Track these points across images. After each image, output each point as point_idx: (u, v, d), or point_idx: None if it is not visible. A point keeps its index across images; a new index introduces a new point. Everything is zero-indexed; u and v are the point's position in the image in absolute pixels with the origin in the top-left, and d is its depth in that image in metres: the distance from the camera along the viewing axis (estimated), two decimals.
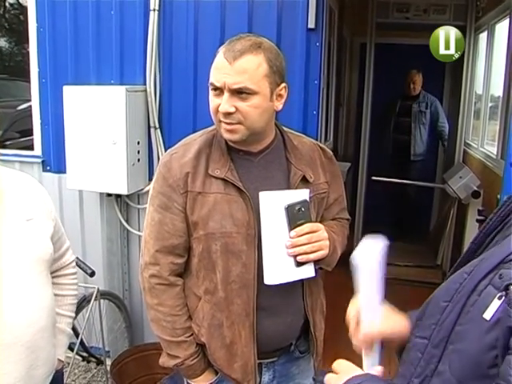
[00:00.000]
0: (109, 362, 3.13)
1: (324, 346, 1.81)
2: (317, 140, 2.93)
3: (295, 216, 1.49)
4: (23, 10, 3.44)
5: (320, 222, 1.66)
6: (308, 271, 1.55)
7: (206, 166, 1.57)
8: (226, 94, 1.46)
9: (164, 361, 1.69)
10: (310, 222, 1.54)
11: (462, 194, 4.05)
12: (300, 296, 1.68)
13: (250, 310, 1.57)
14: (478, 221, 2.62)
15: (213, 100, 1.51)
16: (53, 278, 1.75)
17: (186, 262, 1.64)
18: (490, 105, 4.73)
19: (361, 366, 1.05)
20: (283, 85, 1.55)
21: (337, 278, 4.59)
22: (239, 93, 1.46)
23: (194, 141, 1.63)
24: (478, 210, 2.74)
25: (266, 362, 1.69)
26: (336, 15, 4.44)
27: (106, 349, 3.18)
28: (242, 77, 1.44)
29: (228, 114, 1.48)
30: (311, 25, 2.79)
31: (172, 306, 1.62)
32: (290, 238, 1.49)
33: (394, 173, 5.31)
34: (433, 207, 6.25)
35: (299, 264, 1.51)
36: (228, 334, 1.60)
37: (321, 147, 1.76)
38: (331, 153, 1.79)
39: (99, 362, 3.24)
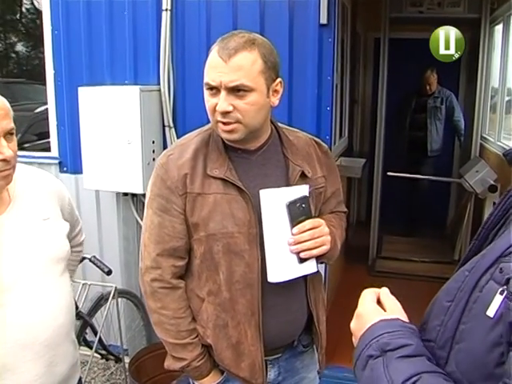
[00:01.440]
0: (127, 359, 3.16)
1: (327, 339, 1.81)
2: (330, 136, 2.95)
3: (296, 212, 1.48)
4: (39, 14, 3.49)
5: (318, 215, 1.66)
6: (310, 267, 1.54)
7: (203, 166, 1.54)
8: (223, 93, 1.44)
9: (169, 364, 1.68)
10: (311, 217, 1.53)
11: (478, 189, 4.02)
12: (303, 292, 1.67)
13: (255, 308, 1.56)
14: None
15: (209, 100, 1.49)
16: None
17: (187, 264, 1.63)
18: (506, 99, 4.68)
19: None
20: (278, 80, 1.53)
21: (353, 275, 4.62)
22: (236, 91, 1.44)
23: (190, 141, 1.61)
24: (494, 203, 2.72)
25: (271, 359, 1.69)
26: (349, 11, 4.43)
27: (124, 347, 3.21)
28: (237, 74, 1.42)
29: (226, 113, 1.45)
30: (323, 20, 2.79)
31: (175, 308, 1.60)
32: (293, 234, 1.48)
33: (410, 169, 5.29)
34: (450, 202, 6.20)
35: (302, 260, 1.50)
36: (234, 333, 1.59)
37: (316, 141, 1.74)
38: (326, 147, 1.78)
39: (118, 360, 3.27)
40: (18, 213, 1.54)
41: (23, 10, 4.28)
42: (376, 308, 0.98)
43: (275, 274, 1.50)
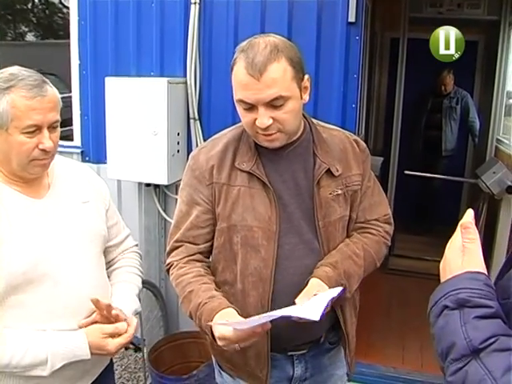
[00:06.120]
0: (145, 349, 3.18)
1: (357, 338, 1.79)
2: (356, 133, 2.96)
3: None
4: (49, 4, 3.50)
5: (355, 222, 1.71)
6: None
7: (232, 158, 1.58)
8: (261, 109, 1.43)
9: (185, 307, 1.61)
10: None
11: (495, 189, 4.02)
12: None
13: (266, 302, 1.57)
14: None
15: (245, 115, 1.48)
16: (117, 259, 1.85)
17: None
18: None
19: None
20: (306, 77, 1.52)
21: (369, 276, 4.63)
22: (274, 103, 1.43)
23: (224, 135, 1.66)
24: None
25: (297, 355, 1.69)
26: (369, 10, 4.43)
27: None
28: (273, 88, 1.41)
29: (267, 127, 1.46)
30: (351, 18, 2.80)
31: (194, 275, 1.59)
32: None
33: (423, 168, 5.29)
34: (461, 202, 6.21)
35: None
36: None
37: (354, 139, 1.74)
38: (365, 145, 1.77)
39: (136, 349, 3.29)
40: (58, 196, 1.60)
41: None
42: (459, 255, 1.02)
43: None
